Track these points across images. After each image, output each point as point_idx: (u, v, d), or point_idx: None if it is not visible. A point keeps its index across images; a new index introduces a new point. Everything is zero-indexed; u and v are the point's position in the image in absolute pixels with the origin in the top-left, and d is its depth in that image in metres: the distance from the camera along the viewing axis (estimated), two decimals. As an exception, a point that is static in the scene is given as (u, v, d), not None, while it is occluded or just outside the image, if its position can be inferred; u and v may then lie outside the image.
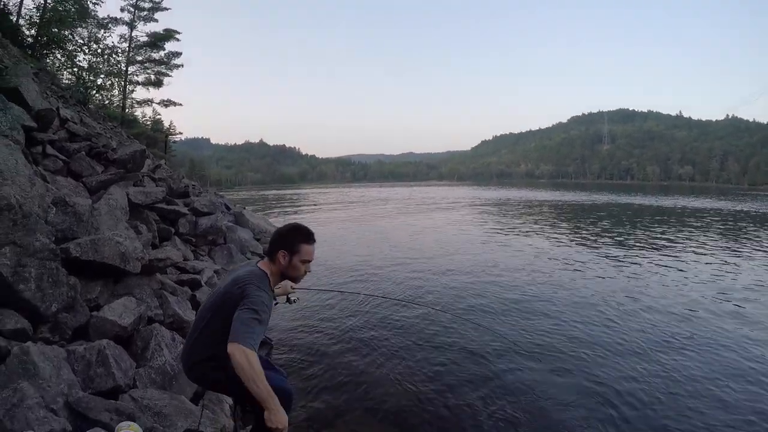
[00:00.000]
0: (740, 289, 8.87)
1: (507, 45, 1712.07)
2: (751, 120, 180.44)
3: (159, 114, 37.90)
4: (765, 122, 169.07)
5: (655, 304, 7.75)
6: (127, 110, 29.80)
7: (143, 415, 2.66)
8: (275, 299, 2.70)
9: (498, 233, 17.01)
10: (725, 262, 11.79)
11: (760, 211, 31.44)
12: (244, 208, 15.76)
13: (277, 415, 2.02)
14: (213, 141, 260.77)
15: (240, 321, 2.10)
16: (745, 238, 17.03)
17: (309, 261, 2.52)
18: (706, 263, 11.58)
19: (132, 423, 2.46)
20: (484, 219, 23.36)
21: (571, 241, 15.30)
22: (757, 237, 17.36)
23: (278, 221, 17.90)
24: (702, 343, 5.86)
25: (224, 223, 10.30)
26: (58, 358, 2.86)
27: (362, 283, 9.02)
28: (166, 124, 37.98)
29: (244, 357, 1.97)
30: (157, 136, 31.52)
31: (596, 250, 13.27)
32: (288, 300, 3.07)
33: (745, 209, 32.52)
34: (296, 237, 2.48)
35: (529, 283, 9.00)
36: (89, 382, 2.94)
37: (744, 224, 22.36)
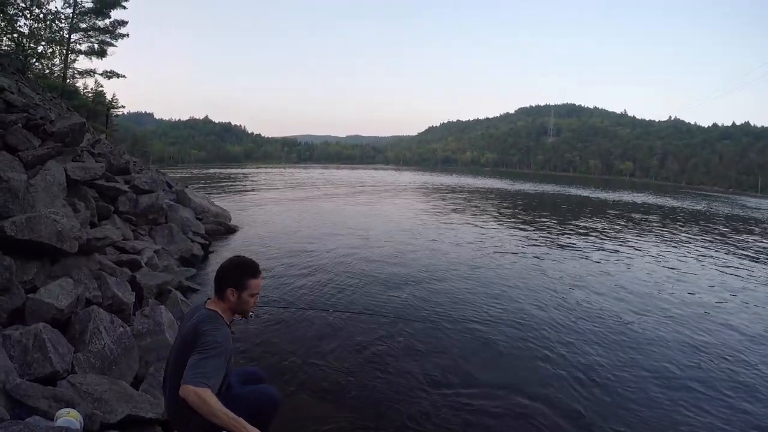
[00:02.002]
0: (675, 277, 9.89)
1: (460, 34, 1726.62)
2: (692, 123, 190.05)
3: (101, 86, 36.07)
4: (706, 126, 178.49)
5: (589, 285, 8.58)
6: (68, 81, 27.95)
7: (83, 401, 2.59)
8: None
9: (443, 220, 17.42)
10: (660, 252, 12.92)
11: (696, 208, 33.92)
12: (187, 187, 15.34)
13: None
14: (156, 116, 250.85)
15: (191, 363, 2.13)
16: (679, 231, 18.42)
17: (257, 294, 2.54)
18: (641, 252, 12.68)
19: (71, 410, 2.40)
20: (433, 205, 23.81)
21: (519, 229, 15.94)
22: (691, 230, 18.85)
23: (222, 201, 17.54)
24: (627, 321, 6.63)
25: (165, 202, 10.02)
26: (-8, 343, 2.74)
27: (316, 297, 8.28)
28: (109, 97, 36.08)
29: (195, 396, 2.00)
30: (98, 109, 29.85)
31: (540, 238, 13.92)
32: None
33: (683, 206, 34.98)
34: (243, 274, 2.47)
35: (487, 272, 9.30)
36: (26, 368, 2.83)
37: (679, 219, 24.13)
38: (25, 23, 17.99)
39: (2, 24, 16.74)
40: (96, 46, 29.66)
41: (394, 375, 4.60)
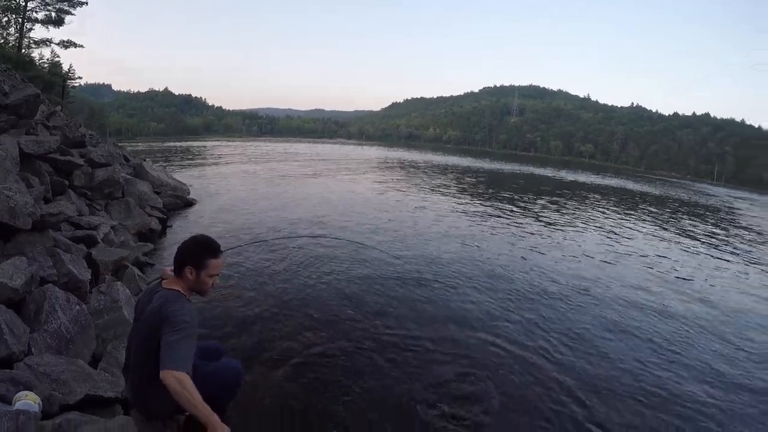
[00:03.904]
0: (626, 253, 10.70)
1: (426, 12, 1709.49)
2: (654, 111, 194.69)
3: (58, 56, 34.49)
4: (667, 114, 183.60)
5: (543, 261, 9.22)
6: (23, 51, 26.55)
7: (41, 383, 2.57)
8: None
9: (404, 193, 17.88)
10: (618, 231, 13.90)
11: (653, 192, 35.66)
12: (145, 160, 14.98)
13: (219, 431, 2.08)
14: (115, 87, 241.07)
15: (166, 346, 2.13)
16: (637, 212, 19.40)
17: (216, 275, 2.52)
18: (599, 231, 13.53)
19: (29, 392, 2.38)
20: (394, 179, 24.16)
21: (476, 204, 16.45)
22: (649, 212, 19.84)
23: (180, 174, 17.18)
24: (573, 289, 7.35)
25: (122, 176, 9.76)
26: (-57, 325, 2.67)
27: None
28: (65, 68, 34.61)
29: (176, 382, 2.01)
30: (54, 80, 28.42)
31: (499, 214, 14.36)
32: None
33: (642, 190, 36.60)
34: (203, 253, 2.45)
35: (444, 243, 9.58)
36: None
37: (637, 202, 25.37)
38: (-23, -10, 16.92)
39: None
40: (53, 14, 28.20)
41: (351, 344, 4.79)
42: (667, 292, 8.14)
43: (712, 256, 11.97)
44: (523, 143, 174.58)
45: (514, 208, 16.51)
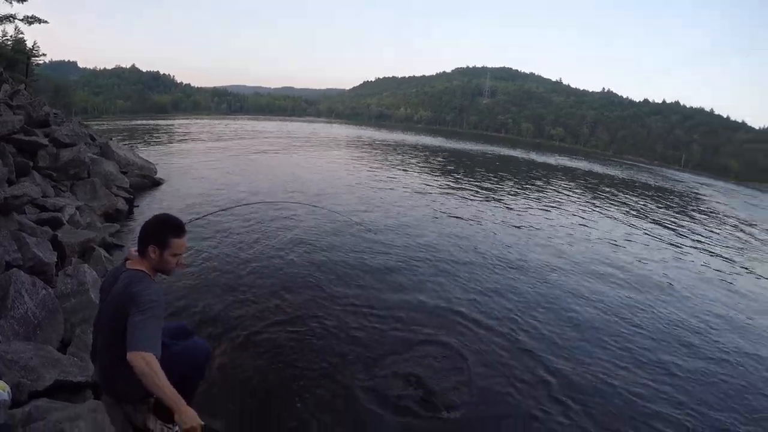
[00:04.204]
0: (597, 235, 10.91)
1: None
2: (625, 97, 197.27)
3: (21, 33, 32.86)
4: (637, 100, 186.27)
5: (510, 237, 9.63)
6: None
7: (9, 370, 2.54)
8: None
9: (373, 173, 18.07)
10: (585, 212, 14.53)
11: (622, 176, 36.84)
12: (111, 139, 14.62)
13: (187, 414, 2.05)
14: (81, 65, 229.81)
15: (133, 327, 2.10)
16: (600, 195, 19.92)
17: (180, 254, 2.48)
18: (565, 211, 14.11)
19: (-2, 380, 2.36)
20: (362, 158, 24.40)
21: (447, 182, 16.73)
22: (613, 195, 20.39)
23: (147, 153, 16.80)
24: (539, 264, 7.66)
25: (88, 156, 9.50)
26: None
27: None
28: (29, 45, 33.04)
29: (143, 363, 1.99)
30: (18, 57, 27.27)
31: (470, 195, 14.62)
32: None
33: (610, 174, 37.78)
34: (166, 232, 2.41)
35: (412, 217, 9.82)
36: None
37: (605, 184, 26.10)
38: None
39: None
40: (17, -12, 26.82)
41: (318, 316, 4.98)
42: (628, 268, 8.74)
43: (673, 239, 12.48)
44: (495, 125, 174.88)
45: (484, 188, 17.04)
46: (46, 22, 29.16)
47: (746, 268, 10.58)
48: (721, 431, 4.00)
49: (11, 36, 31.04)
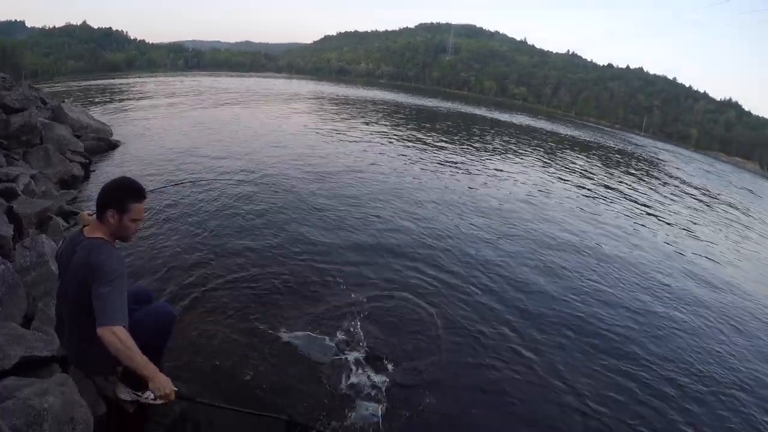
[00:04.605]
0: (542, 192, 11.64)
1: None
2: (589, 60, 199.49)
3: None
4: (601, 64, 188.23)
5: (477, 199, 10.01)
6: None
7: (-28, 350, 2.52)
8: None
9: (330, 130, 18.10)
10: (546, 175, 14.90)
11: (584, 138, 37.98)
12: (63, 102, 13.97)
13: (161, 382, 2.09)
14: (29, 24, 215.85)
15: (98, 300, 2.08)
16: (562, 156, 20.47)
17: (139, 220, 2.44)
18: (530, 174, 14.52)
19: (-38, 361, 2.33)
20: (322, 115, 24.38)
21: (410, 141, 16.89)
22: (576, 157, 20.97)
23: (102, 115, 16.12)
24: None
25: (40, 120, 9.12)
26: None
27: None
28: None
29: (116, 339, 1.99)
30: None
31: (430, 153, 14.94)
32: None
33: (572, 134, 39.01)
34: (126, 196, 2.35)
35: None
36: None
37: (566, 146, 26.71)
38: None
39: None
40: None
41: (279, 282, 5.03)
42: (587, 228, 9.29)
43: (628, 203, 13.07)
44: (457, 82, 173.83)
45: (446, 147, 17.31)
46: None
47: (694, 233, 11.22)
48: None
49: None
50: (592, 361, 4.51)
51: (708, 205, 16.02)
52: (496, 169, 14.06)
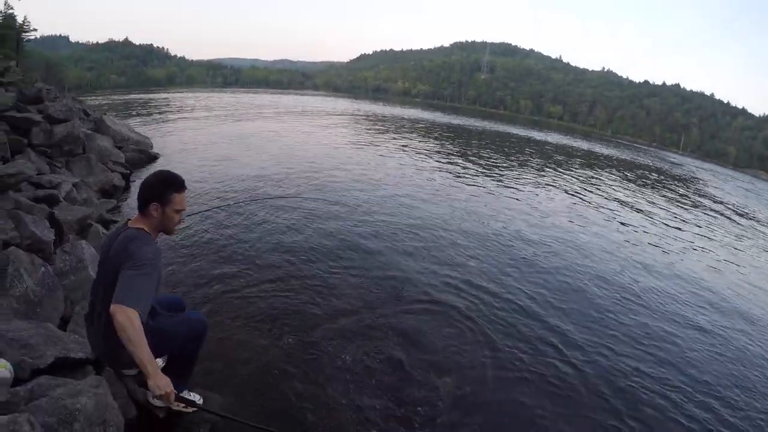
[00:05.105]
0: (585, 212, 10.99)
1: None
2: (624, 77, 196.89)
3: (11, 7, 32.18)
4: (637, 81, 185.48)
5: (511, 217, 9.36)
6: None
7: (10, 348, 2.56)
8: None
9: (371, 147, 18.16)
10: (584, 193, 14.52)
11: (621, 156, 37.30)
12: (105, 114, 14.44)
13: (159, 380, 2.04)
14: (72, 39, 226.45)
15: (122, 280, 2.07)
16: (604, 175, 20.05)
17: (182, 210, 2.48)
18: (564, 191, 14.17)
19: (0, 359, 2.39)
20: (361, 133, 24.26)
21: (447, 161, 16.61)
22: (616, 176, 20.61)
23: (143, 128, 16.63)
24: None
25: (83, 131, 9.43)
26: None
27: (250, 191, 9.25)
28: (19, 20, 32.28)
29: (124, 317, 1.96)
30: (7, 33, 26.56)
31: (470, 172, 14.58)
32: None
33: (609, 154, 38.17)
34: (167, 187, 2.40)
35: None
36: None
37: (604, 165, 26.29)
38: None
39: None
40: (5, -38, 26.28)
41: (316, 296, 4.97)
42: (624, 250, 8.79)
43: (668, 221, 12.63)
44: (493, 101, 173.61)
45: (485, 165, 16.98)
46: None
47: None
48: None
49: (1, 11, 30.38)
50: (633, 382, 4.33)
51: (748, 228, 15.37)
52: (534, 189, 13.79)
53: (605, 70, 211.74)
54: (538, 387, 3.98)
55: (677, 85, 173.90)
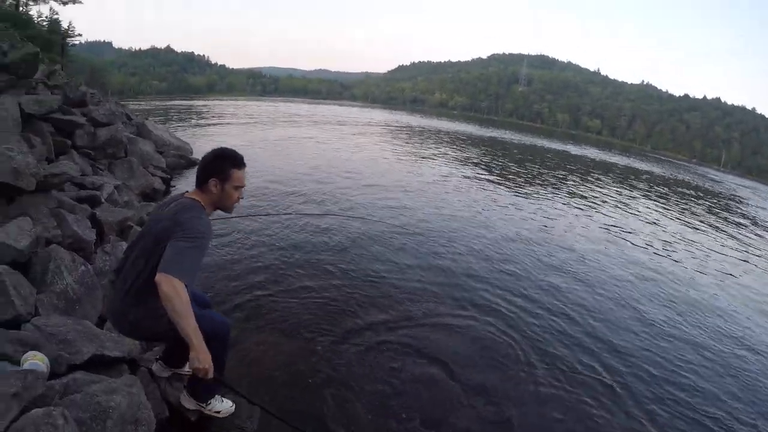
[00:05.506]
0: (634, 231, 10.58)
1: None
2: (664, 90, 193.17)
3: (56, 14, 33.62)
4: (677, 95, 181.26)
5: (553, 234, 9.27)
6: (20, 9, 25.74)
7: (48, 343, 2.59)
8: None
9: (411, 159, 18.03)
10: (623, 211, 14.08)
11: (659, 173, 35.72)
12: (147, 119, 14.85)
13: (202, 353, 2.02)
14: (116, 45, 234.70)
15: (172, 250, 2.02)
16: (643, 192, 19.49)
17: (242, 187, 2.45)
18: (603, 209, 13.74)
19: (37, 353, 2.40)
20: (401, 144, 24.38)
21: (485, 176, 16.38)
22: (656, 193, 19.99)
23: (183, 134, 17.07)
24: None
25: (125, 135, 9.68)
26: (-49, 289, 2.68)
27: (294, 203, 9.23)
28: (64, 25, 33.68)
29: (171, 287, 1.91)
30: (53, 38, 27.58)
31: (507, 188, 14.35)
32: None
33: (649, 169, 36.95)
34: (226, 163, 2.37)
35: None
36: None
37: (644, 181, 25.48)
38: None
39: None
40: (50, -31, 27.38)
41: (350, 305, 4.92)
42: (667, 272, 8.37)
43: (714, 245, 12.07)
44: (530, 114, 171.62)
45: (524, 181, 16.74)
46: (80, 2, 29.68)
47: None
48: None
49: (46, 17, 31.70)
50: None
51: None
52: (572, 205, 13.48)
53: (644, 83, 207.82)
54: (575, 408, 3.84)
55: (718, 99, 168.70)
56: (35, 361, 2.35)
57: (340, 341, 4.17)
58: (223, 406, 2.88)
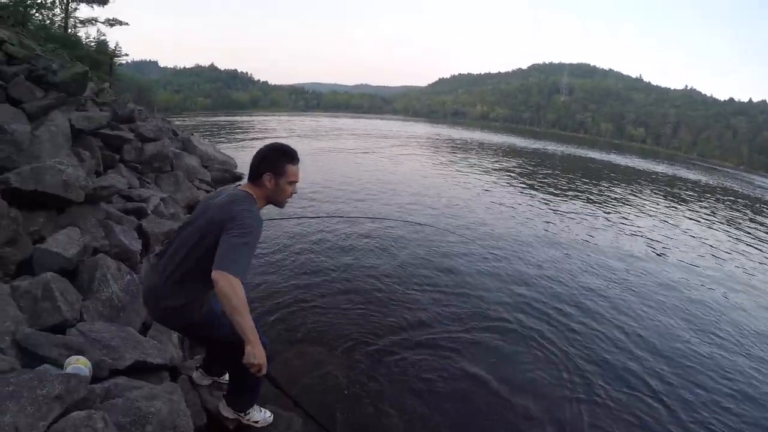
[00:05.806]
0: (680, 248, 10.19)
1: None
2: (708, 95, 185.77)
3: (104, 35, 35.04)
4: (722, 99, 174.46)
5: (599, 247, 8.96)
6: (69, 31, 26.98)
7: (92, 348, 2.66)
8: None
9: (455, 174, 17.72)
10: (671, 222, 13.50)
11: (707, 182, 34.18)
12: (192, 135, 15.29)
13: (258, 350, 2.00)
14: (161, 64, 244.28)
15: (227, 246, 1.99)
16: (691, 202, 18.68)
17: (295, 182, 2.42)
18: (650, 222, 13.05)
19: (80, 357, 2.46)
20: (442, 157, 24.23)
21: (530, 189, 16.11)
22: (706, 203, 19.19)
23: (228, 149, 17.49)
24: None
25: (171, 150, 9.99)
26: (2, 294, 2.78)
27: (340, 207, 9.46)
28: (112, 46, 35.18)
29: (229, 285, 1.88)
30: (101, 58, 28.80)
31: (553, 201, 14.04)
32: None
33: (697, 179, 35.23)
34: (281, 157, 2.35)
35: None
36: (36, 318, 2.86)
37: (693, 191, 24.38)
38: (22, -28, 17.10)
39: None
40: (98, -8, 28.61)
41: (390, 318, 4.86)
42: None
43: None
44: (573, 124, 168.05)
45: (569, 191, 16.54)
46: (126, 24, 30.96)
47: None
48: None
49: (94, 38, 33.06)
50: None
51: None
52: (622, 217, 13.01)
53: (688, 88, 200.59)
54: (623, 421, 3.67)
55: (764, 101, 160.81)
56: (78, 365, 2.40)
57: (381, 353, 4.13)
58: (261, 416, 2.86)
